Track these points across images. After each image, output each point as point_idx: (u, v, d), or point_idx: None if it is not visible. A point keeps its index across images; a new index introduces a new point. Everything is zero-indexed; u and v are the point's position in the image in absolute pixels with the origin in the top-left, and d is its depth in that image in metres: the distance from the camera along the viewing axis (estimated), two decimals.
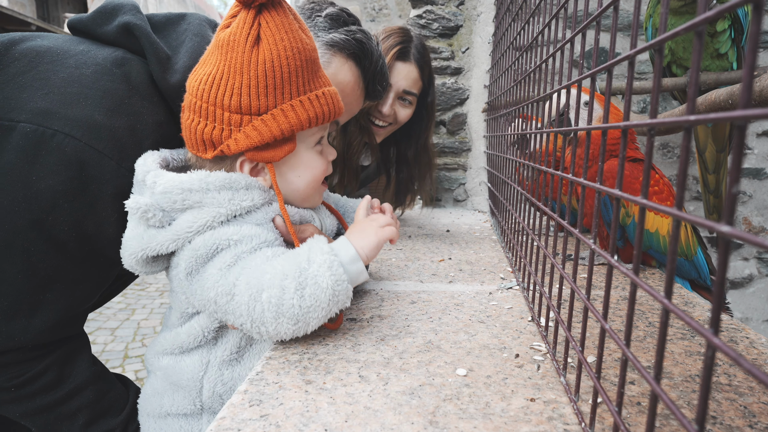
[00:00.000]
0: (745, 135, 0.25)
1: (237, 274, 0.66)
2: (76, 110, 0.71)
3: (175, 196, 0.68)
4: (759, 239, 0.23)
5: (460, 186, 2.37)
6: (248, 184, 0.72)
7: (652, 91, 0.37)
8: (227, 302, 0.66)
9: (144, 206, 0.66)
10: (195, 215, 0.68)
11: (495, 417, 0.54)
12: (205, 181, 0.69)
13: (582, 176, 0.53)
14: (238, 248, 0.68)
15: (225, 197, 0.69)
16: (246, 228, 0.70)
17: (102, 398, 0.84)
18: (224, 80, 0.69)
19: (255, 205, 0.72)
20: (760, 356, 0.70)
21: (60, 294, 0.75)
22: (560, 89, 0.65)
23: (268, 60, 0.69)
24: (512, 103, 1.16)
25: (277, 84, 0.70)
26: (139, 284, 4.25)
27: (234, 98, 0.69)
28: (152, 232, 0.68)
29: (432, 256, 1.27)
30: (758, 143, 2.41)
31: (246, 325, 0.66)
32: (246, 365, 0.76)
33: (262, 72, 0.69)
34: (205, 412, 0.76)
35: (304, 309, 0.65)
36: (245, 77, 0.69)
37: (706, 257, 1.12)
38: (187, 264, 0.68)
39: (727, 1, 0.29)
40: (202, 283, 0.67)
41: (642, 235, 0.38)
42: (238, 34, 0.69)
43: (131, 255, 0.70)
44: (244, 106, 0.69)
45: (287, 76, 0.70)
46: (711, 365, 0.28)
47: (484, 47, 2.23)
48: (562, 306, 0.88)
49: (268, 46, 0.69)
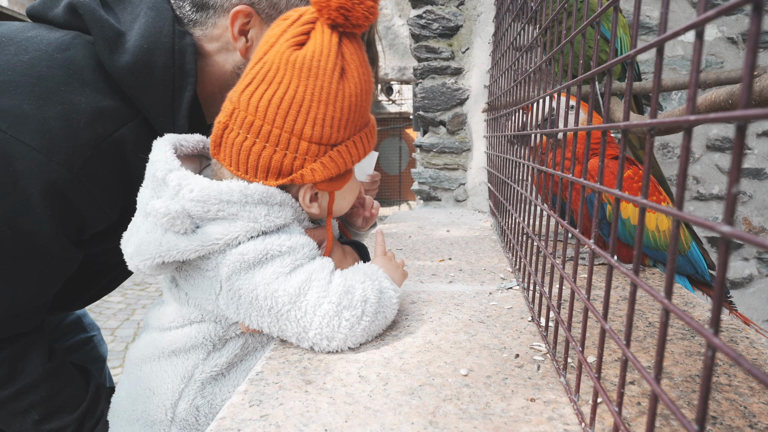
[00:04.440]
0: (745, 135, 0.25)
1: (302, 284, 0.66)
2: (4, 100, 0.66)
3: (210, 206, 0.64)
4: (759, 239, 0.23)
5: (460, 186, 2.37)
6: (283, 200, 0.70)
7: (653, 91, 0.37)
8: (288, 310, 0.65)
9: (174, 213, 0.62)
10: (227, 227, 0.65)
11: (495, 417, 0.54)
12: (244, 193, 0.66)
13: (582, 176, 0.54)
14: (294, 256, 0.68)
15: (261, 212, 0.67)
16: (296, 237, 0.69)
17: (56, 395, 0.81)
18: (305, 108, 0.66)
19: (287, 222, 0.70)
20: (760, 356, 0.70)
21: (1, 293, 0.72)
22: (560, 89, 0.65)
23: (353, 95, 0.68)
24: (512, 104, 1.16)
25: (355, 117, 0.69)
26: (139, 284, 4.25)
27: (317, 129, 0.66)
28: (172, 238, 0.64)
29: (432, 256, 1.27)
30: (758, 143, 2.41)
31: (299, 335, 0.67)
32: (231, 382, 0.74)
33: (347, 106, 0.67)
34: (175, 424, 0.72)
35: (370, 332, 0.71)
36: (330, 109, 0.66)
37: (702, 251, 1.12)
38: (231, 268, 0.65)
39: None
40: (248, 288, 0.65)
41: (642, 234, 0.38)
42: (324, 61, 0.65)
43: (144, 260, 0.66)
44: (325, 138, 0.67)
45: (362, 110, 0.70)
46: (711, 365, 0.28)
47: (484, 47, 2.23)
48: (562, 306, 0.88)
49: (353, 79, 0.68)
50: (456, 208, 2.36)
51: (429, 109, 2.33)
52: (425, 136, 2.41)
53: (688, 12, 2.29)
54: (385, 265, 0.80)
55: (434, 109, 2.33)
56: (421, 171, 2.41)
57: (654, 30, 2.31)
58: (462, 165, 2.35)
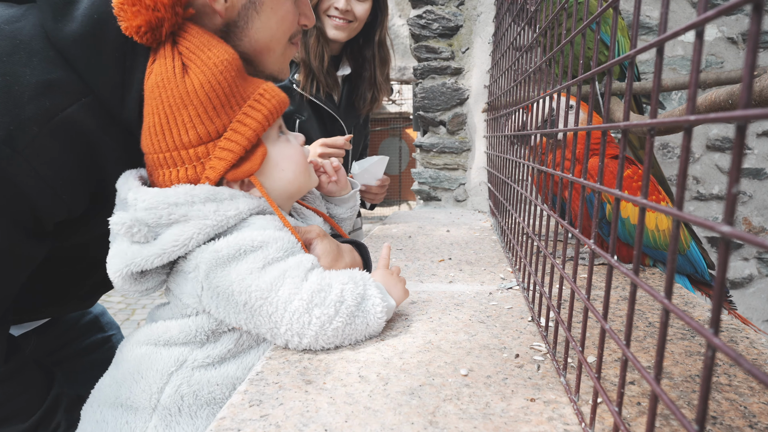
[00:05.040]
0: (745, 135, 0.25)
1: (275, 280, 0.67)
2: None
3: (160, 211, 0.67)
4: (759, 239, 0.23)
5: (460, 186, 2.37)
6: (232, 194, 0.72)
7: (652, 91, 0.37)
8: (261, 305, 0.66)
9: (129, 221, 0.65)
10: (181, 229, 0.67)
11: (495, 417, 0.54)
12: (190, 194, 0.69)
13: (582, 176, 0.54)
14: (266, 252, 0.69)
15: (210, 209, 0.69)
16: (269, 232, 0.71)
17: (7, 402, 0.75)
18: (171, 120, 0.69)
19: (241, 213, 0.72)
20: (760, 356, 0.70)
21: None
22: (560, 89, 0.65)
23: (205, 82, 0.68)
24: (512, 104, 1.16)
25: (223, 101, 0.70)
26: None
27: (191, 132, 0.69)
28: (135, 248, 0.67)
29: (432, 256, 1.27)
30: (758, 143, 2.41)
31: (272, 330, 0.67)
32: (221, 375, 0.73)
33: (204, 95, 0.68)
34: (157, 412, 0.71)
35: (344, 335, 0.69)
36: (191, 108, 0.68)
37: (701, 251, 1.12)
38: (208, 265, 0.67)
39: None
40: (225, 285, 0.67)
41: (642, 234, 0.38)
42: (164, 72, 0.68)
43: (116, 272, 0.68)
44: (203, 135, 0.69)
45: (228, 90, 0.71)
46: (711, 365, 0.28)
47: (484, 47, 2.23)
48: (562, 306, 0.88)
49: (198, 68, 0.69)
50: (456, 208, 2.36)
51: (429, 109, 2.33)
52: (425, 136, 2.41)
53: (688, 12, 2.29)
54: (384, 277, 0.80)
55: (434, 109, 2.33)
56: (421, 171, 2.41)
57: (654, 30, 2.31)
58: (462, 165, 2.35)
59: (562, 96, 1.03)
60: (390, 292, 0.78)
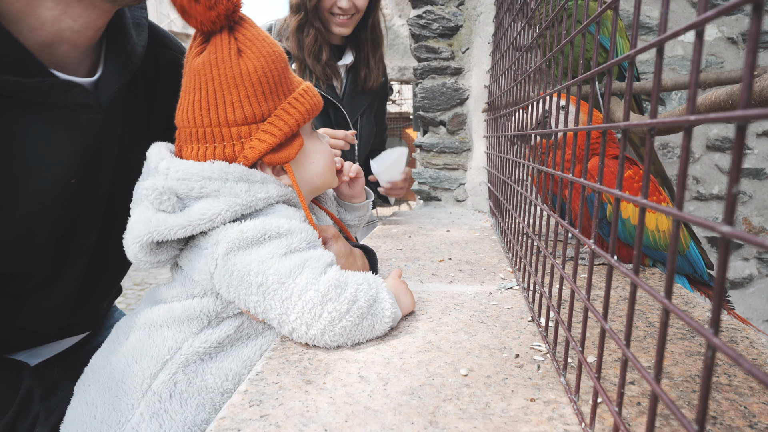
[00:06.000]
0: (745, 135, 0.25)
1: (295, 267, 0.68)
2: None
3: (193, 183, 0.69)
4: (759, 239, 0.23)
5: (460, 186, 2.37)
6: (264, 178, 0.75)
7: (652, 91, 0.37)
8: (276, 289, 0.67)
9: (161, 188, 0.66)
10: (211, 203, 0.69)
11: (495, 417, 0.54)
12: (225, 170, 0.71)
13: (582, 176, 0.53)
14: (290, 240, 0.70)
15: (242, 188, 0.71)
16: (295, 222, 0.73)
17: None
18: (220, 98, 0.71)
19: (270, 197, 0.74)
20: (760, 356, 0.70)
21: None
22: (560, 89, 0.65)
23: (258, 67, 0.72)
24: (512, 104, 1.16)
25: (272, 88, 0.74)
26: (139, 284, 4.25)
27: (237, 111, 0.72)
28: (161, 216, 0.67)
29: (432, 256, 1.27)
30: (758, 143, 2.41)
31: (281, 317, 0.67)
32: (216, 365, 0.73)
33: (256, 79, 0.72)
34: (146, 398, 0.70)
35: (351, 334, 0.69)
36: (241, 88, 0.71)
37: (700, 251, 1.12)
38: (230, 244, 0.68)
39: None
40: (242, 264, 0.67)
41: (642, 234, 0.38)
42: (219, 52, 0.71)
43: (135, 239, 0.68)
44: (249, 116, 0.72)
45: (278, 79, 0.74)
46: (711, 365, 0.28)
47: (484, 47, 2.23)
48: (562, 306, 0.88)
49: (253, 54, 0.72)
50: (456, 208, 2.36)
51: (429, 109, 2.33)
52: (425, 136, 2.41)
53: (688, 12, 2.29)
54: (395, 285, 0.81)
55: (434, 109, 2.33)
56: (421, 171, 2.41)
57: (654, 30, 2.31)
58: (462, 165, 2.35)
59: (554, 97, 1.03)
60: (399, 301, 0.78)
